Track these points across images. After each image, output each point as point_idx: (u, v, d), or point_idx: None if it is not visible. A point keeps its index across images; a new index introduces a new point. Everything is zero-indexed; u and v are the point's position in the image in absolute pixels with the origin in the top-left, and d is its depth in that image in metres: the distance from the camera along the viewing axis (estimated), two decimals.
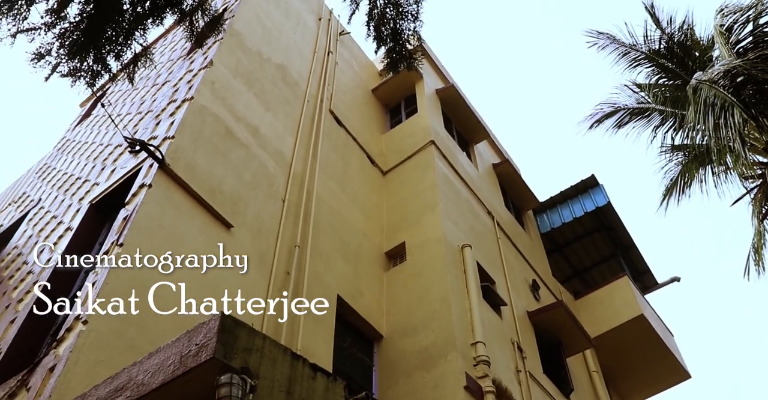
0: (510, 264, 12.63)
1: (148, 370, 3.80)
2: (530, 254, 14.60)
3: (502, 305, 10.88)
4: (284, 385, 4.01)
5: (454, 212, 11.65)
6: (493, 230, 13.14)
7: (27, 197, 12.09)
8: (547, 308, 12.14)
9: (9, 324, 6.99)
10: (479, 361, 8.77)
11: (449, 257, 10.26)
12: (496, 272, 11.71)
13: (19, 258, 8.99)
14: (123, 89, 13.27)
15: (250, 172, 9.13)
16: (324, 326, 8.52)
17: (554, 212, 17.26)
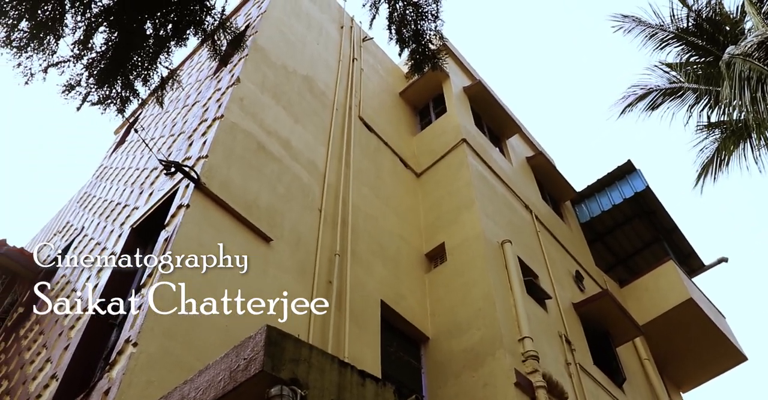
0: (551, 257, 12.56)
1: (199, 387, 3.89)
2: (571, 245, 14.50)
3: (546, 299, 10.84)
4: (334, 393, 4.05)
5: (491, 208, 11.64)
6: (532, 224, 13.08)
7: (71, 226, 12.42)
8: (592, 299, 12.04)
9: (63, 351, 7.17)
10: (528, 356, 8.74)
11: (490, 254, 10.26)
12: (538, 265, 11.66)
13: (68, 286, 9.21)
14: (154, 113, 13.54)
15: (284, 184, 9.24)
16: (369, 331, 8.59)
17: (592, 201, 17.11)
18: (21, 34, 5.88)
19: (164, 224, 7.47)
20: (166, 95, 7.69)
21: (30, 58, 5.99)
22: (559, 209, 16.15)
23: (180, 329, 6.16)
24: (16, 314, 10.62)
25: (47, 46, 6.06)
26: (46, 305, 9.53)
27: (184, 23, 7.35)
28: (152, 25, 7.12)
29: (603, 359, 11.43)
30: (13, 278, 11.54)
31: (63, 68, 6.27)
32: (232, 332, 6.45)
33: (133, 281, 7.77)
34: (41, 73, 6.09)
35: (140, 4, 6.77)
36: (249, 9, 14.01)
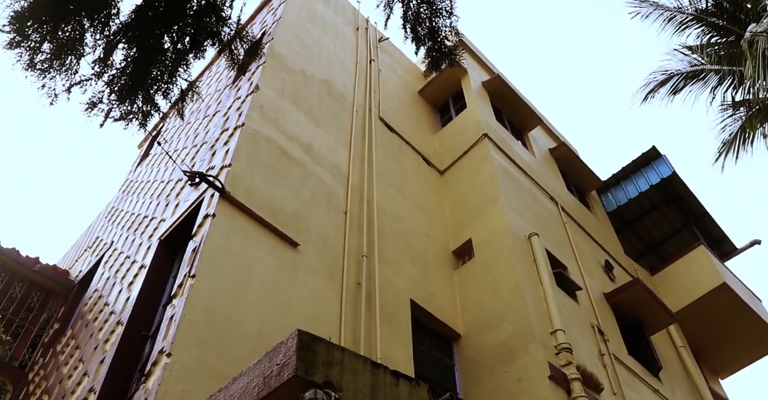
0: (580, 247, 12.51)
1: (234, 394, 3.95)
2: (599, 234, 14.42)
3: (577, 290, 10.81)
4: (368, 394, 4.07)
5: (516, 202, 11.62)
6: (559, 215, 13.03)
7: (100, 241, 12.61)
8: (623, 288, 11.97)
9: (99, 364, 7.29)
10: (561, 349, 8.73)
11: (517, 247, 10.25)
12: (567, 257, 11.62)
13: (100, 300, 9.36)
14: (176, 125, 13.70)
15: (308, 189, 9.31)
16: (401, 331, 8.63)
17: (618, 189, 16.99)
18: (44, 56, 6.01)
19: (192, 235, 7.57)
20: (186, 107, 7.79)
21: (53, 79, 6.12)
22: (585, 199, 16.06)
23: (212, 337, 6.24)
24: (52, 330, 10.82)
25: (69, 66, 6.18)
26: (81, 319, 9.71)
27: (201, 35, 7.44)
28: (170, 39, 7.21)
29: (637, 349, 11.37)
30: (47, 294, 11.76)
31: (85, 86, 6.40)
32: (264, 338, 6.53)
33: (164, 292, 7.89)
34: (65, 93, 6.21)
35: (157, 19, 6.86)
36: (264, 17, 14.11)
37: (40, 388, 9.08)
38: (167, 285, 7.97)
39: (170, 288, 7.75)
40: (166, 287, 7.95)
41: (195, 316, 6.25)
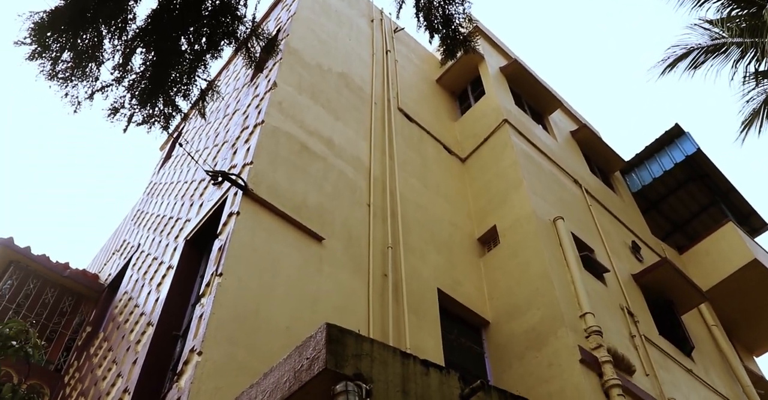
0: (606, 229, 12.45)
1: (265, 390, 4.01)
2: (625, 215, 14.33)
3: (604, 272, 10.77)
4: (399, 385, 4.09)
5: (539, 186, 11.59)
6: (583, 198, 12.97)
7: (128, 244, 12.78)
8: (651, 268, 11.90)
9: (132, 365, 7.40)
10: (590, 332, 8.72)
11: (542, 232, 10.23)
12: (593, 239, 11.57)
13: (130, 302, 9.50)
14: (197, 125, 13.82)
15: (330, 183, 9.36)
16: (429, 320, 8.67)
17: (642, 169, 16.83)
18: (65, 65, 6.10)
19: (217, 233, 7.64)
20: (206, 107, 7.86)
21: (75, 87, 6.22)
22: (609, 180, 15.95)
23: (242, 334, 6.31)
24: (85, 333, 11.01)
25: (90, 73, 6.27)
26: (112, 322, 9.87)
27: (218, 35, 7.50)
28: (186, 40, 7.28)
29: (668, 329, 11.31)
30: (78, 299, 11.96)
31: (107, 92, 6.49)
32: (294, 333, 6.60)
33: (193, 292, 7.99)
34: (87, 100, 6.31)
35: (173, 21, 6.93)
36: (279, 13, 14.16)
37: (76, 390, 9.24)
38: (195, 284, 8.07)
39: (198, 287, 7.84)
40: (194, 287, 8.05)
41: (224, 314, 6.32)
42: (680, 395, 9.70)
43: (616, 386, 8.09)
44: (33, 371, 9.85)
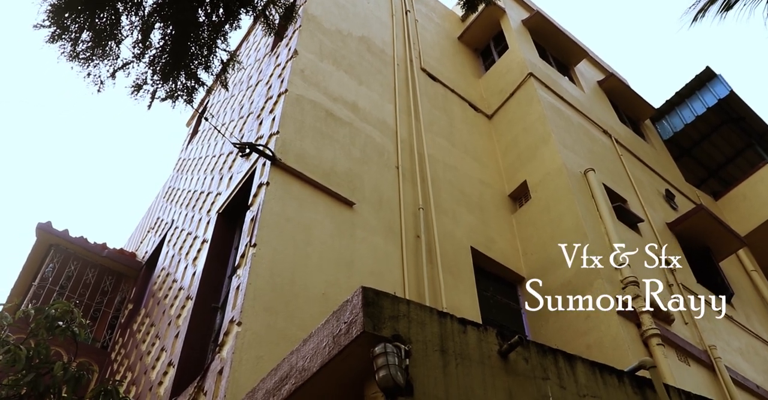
0: (638, 179, 12.31)
1: (305, 355, 4.07)
2: (657, 164, 14.13)
3: (638, 222, 10.68)
4: (437, 344, 4.10)
5: (568, 139, 11.47)
6: (613, 149, 12.82)
7: (161, 221, 12.96)
8: (687, 216, 11.77)
9: (174, 339, 7.55)
10: (627, 283, 8.68)
11: (574, 185, 10.16)
12: (626, 189, 11.46)
13: (168, 278, 9.66)
14: (221, 99, 13.85)
15: (358, 147, 9.36)
16: (464, 279, 8.70)
17: (673, 116, 16.53)
18: (84, 45, 6.13)
19: (248, 205, 7.70)
20: (229, 78, 7.86)
21: (97, 67, 6.25)
22: (640, 129, 15.71)
23: (279, 303, 6.39)
24: (127, 310, 11.26)
25: (110, 51, 6.29)
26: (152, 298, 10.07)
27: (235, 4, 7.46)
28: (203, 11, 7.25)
29: (707, 276, 11.22)
30: (118, 277, 12.20)
31: (128, 70, 6.51)
32: (330, 299, 6.68)
33: (228, 264, 8.10)
34: (110, 79, 6.34)
35: None
36: None
37: (123, 366, 9.48)
38: (230, 257, 8.17)
39: (233, 259, 7.94)
40: (229, 259, 8.16)
41: (260, 284, 6.40)
42: (721, 342, 9.67)
43: (655, 335, 8.08)
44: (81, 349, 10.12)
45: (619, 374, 4.78)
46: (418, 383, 3.66)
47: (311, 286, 6.80)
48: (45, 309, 6.33)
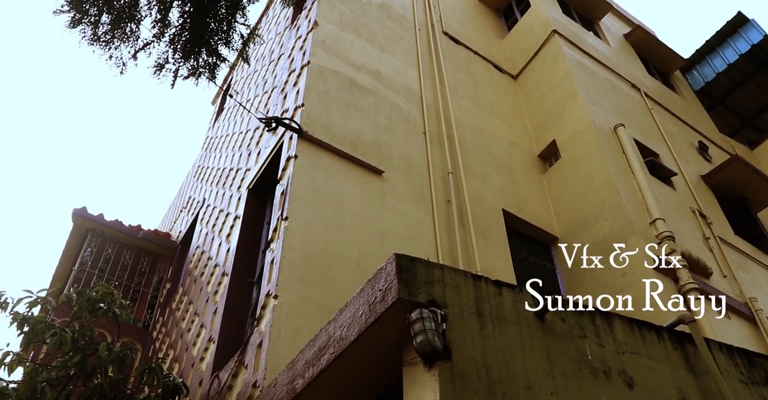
0: (669, 132, 12.12)
1: (342, 325, 4.10)
2: (689, 115, 13.88)
3: (672, 176, 10.55)
4: (473, 307, 4.09)
5: (596, 95, 11.30)
6: (643, 102, 12.61)
7: (193, 200, 13.09)
8: (721, 167, 11.58)
9: (213, 315, 7.66)
10: (662, 238, 8.59)
11: (604, 141, 10.04)
12: (657, 143, 11.30)
13: (203, 255, 9.76)
14: (244, 76, 13.85)
15: (384, 115, 9.32)
16: (497, 242, 8.69)
17: (704, 65, 16.18)
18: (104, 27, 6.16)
19: (278, 179, 7.72)
20: (250, 52, 7.85)
21: (118, 49, 6.29)
22: (669, 81, 15.41)
23: (314, 274, 6.43)
24: (165, 290, 11.44)
25: (130, 33, 6.33)
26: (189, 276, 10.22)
27: None
28: None
29: (745, 228, 11.07)
30: (154, 258, 12.39)
31: (149, 50, 6.55)
32: (364, 268, 6.71)
33: (261, 239, 8.17)
34: (131, 60, 6.38)
35: None
36: None
37: (165, 344, 9.67)
38: (263, 231, 8.23)
39: (266, 233, 8.00)
40: (262, 234, 8.22)
41: (294, 256, 6.43)
42: (762, 294, 9.56)
43: (693, 290, 8.02)
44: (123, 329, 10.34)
45: (657, 330, 4.75)
46: (455, 347, 3.68)
47: (345, 256, 6.83)
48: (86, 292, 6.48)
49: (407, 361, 3.81)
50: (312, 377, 4.18)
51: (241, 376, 6.08)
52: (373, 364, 4.10)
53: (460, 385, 3.52)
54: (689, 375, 4.59)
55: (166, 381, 6.28)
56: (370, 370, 4.14)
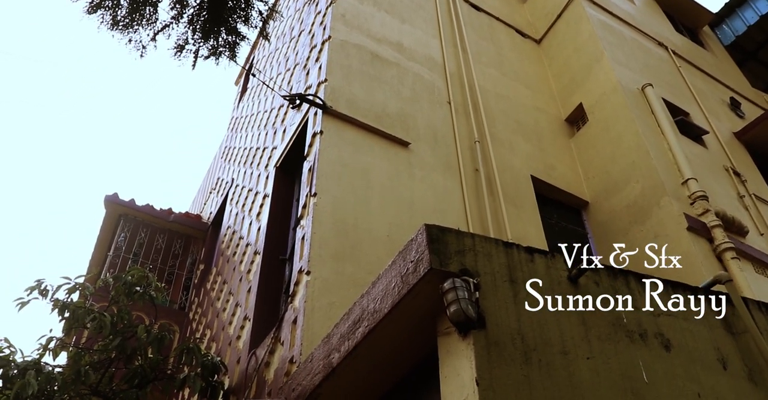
0: (699, 89, 11.88)
1: (375, 297, 4.12)
2: (719, 71, 13.58)
3: (703, 135, 10.37)
4: (505, 275, 4.08)
5: (622, 55, 11.10)
6: (671, 61, 12.36)
7: (222, 181, 13.18)
8: (755, 123, 11.34)
9: (247, 294, 7.74)
10: (695, 198, 8.48)
11: (631, 103, 9.88)
12: (687, 102, 11.10)
13: (234, 235, 9.85)
14: (266, 54, 13.81)
15: (407, 87, 9.26)
16: (527, 209, 8.64)
17: (734, 19, 15.76)
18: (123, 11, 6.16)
19: (305, 156, 7.73)
20: (271, 32, 7.81)
21: (137, 32, 6.29)
22: (698, 37, 15.06)
23: (345, 249, 6.44)
24: (199, 271, 11.59)
25: (149, 15, 6.32)
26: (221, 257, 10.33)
27: None
28: None
29: None
30: (187, 240, 12.55)
31: (168, 32, 6.54)
32: (395, 240, 6.71)
33: (291, 216, 8.21)
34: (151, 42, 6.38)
35: None
36: None
37: (201, 324, 9.81)
38: (292, 208, 8.27)
39: (296, 210, 8.03)
40: (291, 211, 8.25)
41: (324, 232, 6.45)
42: None
43: (728, 249, 7.91)
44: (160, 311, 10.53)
45: (693, 291, 4.71)
46: (489, 315, 3.68)
47: (375, 229, 6.84)
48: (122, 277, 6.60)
49: (442, 331, 3.83)
50: (348, 350, 4.22)
51: (278, 352, 6.15)
52: (408, 335, 4.12)
53: (496, 352, 3.53)
54: (727, 335, 4.55)
55: (205, 360, 6.40)
56: (405, 341, 4.17)
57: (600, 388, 3.67)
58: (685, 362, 4.15)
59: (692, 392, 4.00)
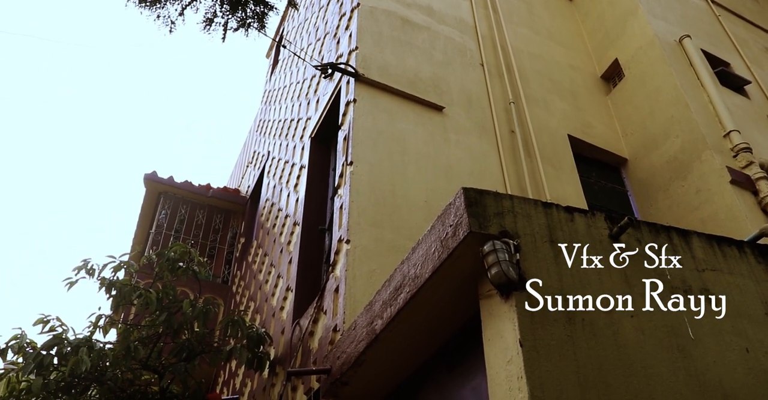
0: (740, 38, 11.53)
1: (416, 263, 4.13)
2: (761, 18, 13.14)
3: (745, 85, 10.09)
4: (545, 235, 4.04)
5: (657, 7, 10.81)
6: (709, 10, 11.99)
7: (258, 154, 13.24)
8: None
9: (288, 265, 7.83)
10: (738, 150, 8.29)
11: (668, 55, 9.64)
12: (728, 52, 10.79)
13: (273, 207, 9.93)
14: (296, 25, 13.75)
15: (439, 50, 9.16)
16: (565, 169, 8.55)
17: None
18: None
19: (339, 125, 7.73)
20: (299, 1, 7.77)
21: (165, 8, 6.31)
22: None
23: (384, 216, 6.46)
24: (240, 244, 11.72)
25: None
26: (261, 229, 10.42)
27: None
28: None
29: None
30: (226, 215, 12.69)
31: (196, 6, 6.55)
32: (433, 205, 6.72)
33: (329, 186, 8.24)
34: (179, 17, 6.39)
35: None
36: None
37: (245, 297, 9.95)
38: (329, 178, 8.30)
39: (333, 180, 8.07)
40: (328, 180, 8.29)
41: (362, 200, 6.47)
42: None
43: None
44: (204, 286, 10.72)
45: (738, 245, 4.63)
46: (530, 276, 3.67)
47: (412, 195, 6.84)
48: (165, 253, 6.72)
49: (483, 294, 3.83)
50: (390, 316, 4.25)
51: (321, 321, 6.22)
52: (450, 299, 4.13)
53: (539, 313, 3.52)
54: None
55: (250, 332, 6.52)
56: (447, 305, 4.18)
57: (645, 345, 3.64)
58: (732, 316, 4.11)
59: (740, 347, 3.96)
